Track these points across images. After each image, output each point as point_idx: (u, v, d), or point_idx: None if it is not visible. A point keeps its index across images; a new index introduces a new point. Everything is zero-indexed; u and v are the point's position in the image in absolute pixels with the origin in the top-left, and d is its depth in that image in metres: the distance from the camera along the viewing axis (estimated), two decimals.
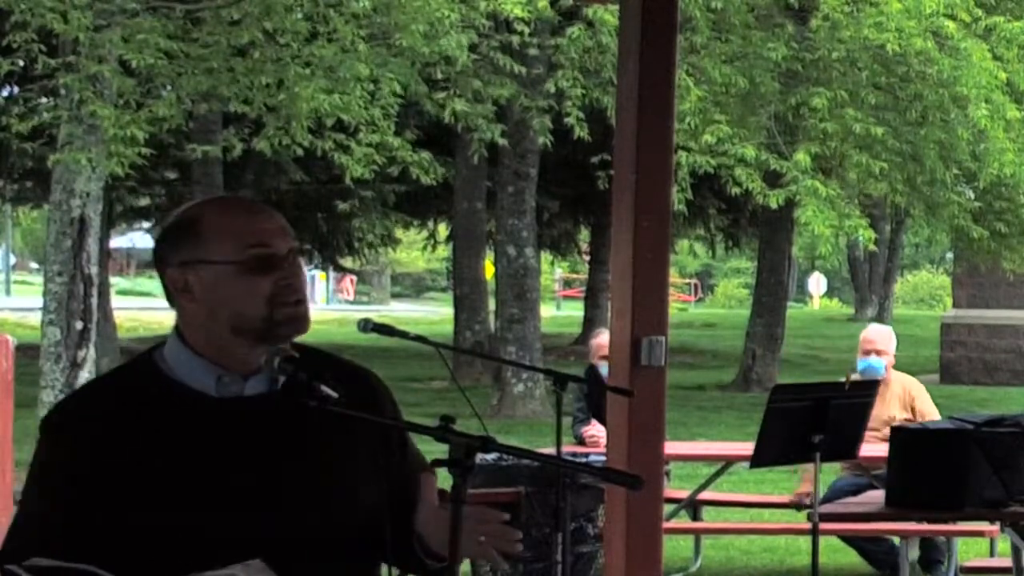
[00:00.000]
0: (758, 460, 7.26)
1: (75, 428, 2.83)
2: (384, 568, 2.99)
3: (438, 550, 2.86)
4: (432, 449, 2.80)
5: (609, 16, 13.91)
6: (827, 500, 8.37)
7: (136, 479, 2.76)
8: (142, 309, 42.57)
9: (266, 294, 2.82)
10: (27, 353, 13.02)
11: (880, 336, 9.28)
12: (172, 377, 2.87)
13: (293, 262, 2.86)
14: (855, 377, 8.73)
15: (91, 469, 2.77)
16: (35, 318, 24.42)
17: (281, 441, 2.85)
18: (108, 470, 2.77)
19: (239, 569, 2.73)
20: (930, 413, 9.10)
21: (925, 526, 8.52)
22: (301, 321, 2.87)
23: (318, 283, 50.91)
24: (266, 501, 2.81)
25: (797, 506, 9.23)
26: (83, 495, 2.77)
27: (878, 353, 9.17)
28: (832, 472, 9.44)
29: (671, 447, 8.61)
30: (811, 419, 6.90)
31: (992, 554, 9.23)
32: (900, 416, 9.01)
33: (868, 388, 7.55)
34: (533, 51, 16.28)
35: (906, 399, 9.23)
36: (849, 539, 9.31)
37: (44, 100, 15.25)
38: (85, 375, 12.51)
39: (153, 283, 60.80)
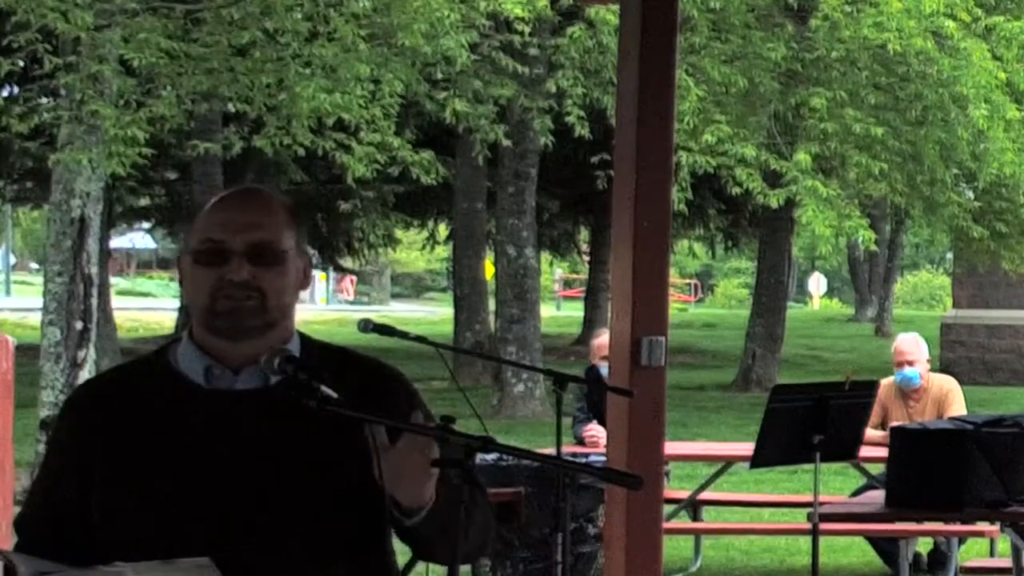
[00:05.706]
0: (758, 460, 7.27)
1: (77, 409, 2.94)
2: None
3: (400, 499, 2.76)
4: None
5: (609, 16, 13.91)
6: None
7: (118, 462, 2.83)
8: (142, 309, 42.57)
9: (209, 286, 2.83)
10: (27, 353, 13.00)
11: (909, 345, 9.27)
12: (174, 367, 2.90)
13: (244, 258, 2.81)
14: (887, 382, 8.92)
15: (82, 449, 2.87)
16: (35, 318, 24.40)
17: (265, 437, 2.84)
18: (94, 451, 2.85)
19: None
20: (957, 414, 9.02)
21: (925, 526, 8.52)
22: (242, 315, 2.82)
23: (318, 283, 50.85)
24: (234, 496, 2.81)
25: None
26: (68, 473, 2.88)
27: (910, 363, 9.17)
28: (831, 472, 9.44)
29: (671, 447, 8.61)
30: (811, 419, 6.90)
31: (992, 554, 9.24)
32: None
33: (868, 388, 7.55)
34: (533, 51, 16.26)
35: (940, 402, 9.19)
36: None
37: (44, 100, 15.23)
38: (85, 375, 12.50)
39: (153, 283, 60.83)
